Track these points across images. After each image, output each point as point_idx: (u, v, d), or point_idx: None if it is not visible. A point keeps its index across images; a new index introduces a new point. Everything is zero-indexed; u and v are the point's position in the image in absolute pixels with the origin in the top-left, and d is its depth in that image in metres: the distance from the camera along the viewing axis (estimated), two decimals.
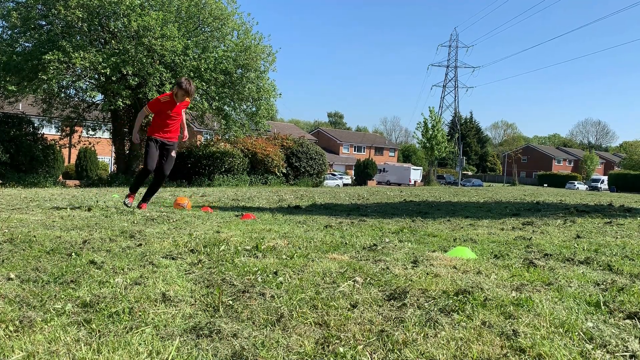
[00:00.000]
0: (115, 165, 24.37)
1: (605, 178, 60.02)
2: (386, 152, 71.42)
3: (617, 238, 4.19)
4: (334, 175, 43.66)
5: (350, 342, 1.57)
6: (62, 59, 16.81)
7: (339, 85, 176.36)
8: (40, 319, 1.70)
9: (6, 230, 3.83)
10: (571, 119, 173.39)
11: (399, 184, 47.09)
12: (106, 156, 37.28)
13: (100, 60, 17.28)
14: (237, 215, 5.80)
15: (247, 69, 20.85)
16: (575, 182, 60.69)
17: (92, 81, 20.50)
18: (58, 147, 22.63)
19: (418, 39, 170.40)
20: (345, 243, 3.49)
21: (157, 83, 18.49)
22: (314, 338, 1.60)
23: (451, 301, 1.97)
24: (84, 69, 18.29)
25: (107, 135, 27.41)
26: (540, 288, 2.22)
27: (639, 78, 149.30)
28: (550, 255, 3.19)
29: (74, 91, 21.88)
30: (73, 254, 2.87)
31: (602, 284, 2.34)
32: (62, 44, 17.00)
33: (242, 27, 21.37)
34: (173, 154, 6.20)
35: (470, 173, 76.42)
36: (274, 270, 2.47)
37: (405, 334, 1.61)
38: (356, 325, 1.71)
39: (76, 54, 16.82)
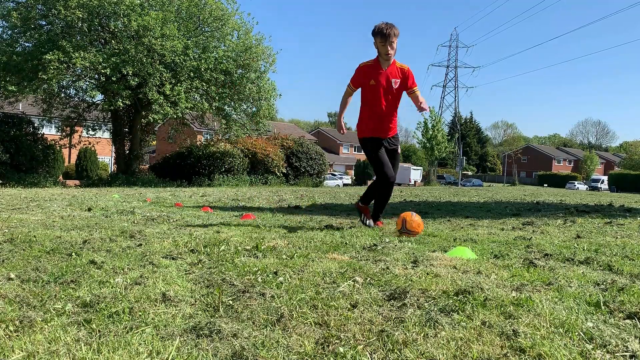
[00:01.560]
0: (115, 165, 24.39)
1: (605, 178, 60.00)
2: None
3: (617, 238, 4.18)
4: (334, 175, 43.68)
5: (350, 342, 1.57)
6: (62, 59, 16.82)
7: (339, 85, 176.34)
8: (40, 319, 1.70)
9: (6, 230, 3.83)
10: (571, 119, 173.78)
11: (399, 184, 47.11)
12: (106, 156, 37.31)
13: (100, 60, 17.29)
14: (237, 215, 5.80)
15: (247, 69, 20.87)
16: (575, 182, 60.72)
17: (92, 81, 20.52)
18: (58, 147, 22.64)
19: (418, 38, 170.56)
20: (345, 243, 3.49)
21: (157, 83, 18.50)
22: (314, 338, 1.60)
23: (451, 301, 1.97)
24: (84, 69, 18.30)
25: (107, 135, 27.46)
26: (540, 288, 2.22)
27: (639, 78, 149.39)
28: (550, 255, 3.19)
29: (74, 91, 21.92)
30: (73, 254, 2.87)
31: (602, 284, 2.34)
32: (62, 44, 17.01)
33: (242, 27, 21.39)
34: (398, 150, 4.63)
35: (470, 173, 76.40)
36: (274, 270, 2.47)
37: (405, 334, 1.61)
38: (356, 325, 1.71)
39: (76, 54, 16.83)
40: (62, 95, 21.54)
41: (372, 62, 4.27)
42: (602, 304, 1.96)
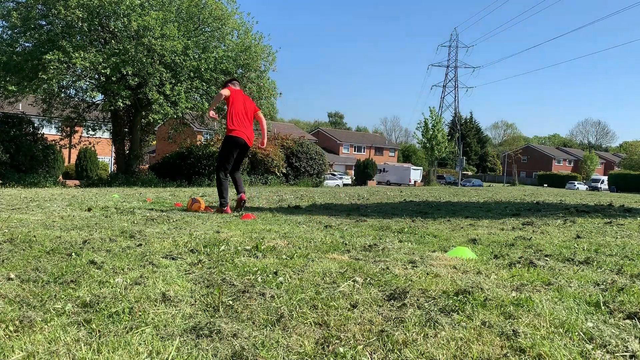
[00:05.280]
0: (115, 165, 24.38)
1: (605, 178, 59.99)
2: (386, 152, 71.42)
3: (617, 238, 4.19)
4: (334, 175, 43.65)
5: (350, 342, 1.57)
6: (62, 59, 16.81)
7: (339, 85, 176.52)
8: (40, 319, 1.70)
9: (6, 230, 3.82)
10: (571, 119, 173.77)
11: (399, 184, 47.08)
12: (106, 156, 37.31)
13: (100, 60, 17.28)
14: (237, 215, 5.80)
15: (247, 69, 20.85)
16: (575, 182, 60.71)
17: (92, 81, 20.50)
18: (58, 147, 22.62)
19: (418, 38, 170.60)
20: (345, 243, 3.49)
21: (157, 83, 18.49)
22: (314, 338, 1.60)
23: (451, 301, 1.97)
24: (84, 69, 18.29)
25: (107, 135, 27.43)
26: (540, 288, 2.22)
27: (638, 78, 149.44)
28: (550, 255, 3.19)
29: (74, 91, 21.89)
30: (73, 254, 2.87)
31: (602, 284, 2.34)
32: (62, 44, 17.00)
33: (242, 27, 21.38)
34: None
35: (470, 173, 76.38)
36: (274, 270, 2.47)
37: (405, 334, 1.61)
38: (356, 325, 1.71)
39: (76, 54, 16.82)
40: (62, 95, 21.51)
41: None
42: (602, 304, 1.96)
